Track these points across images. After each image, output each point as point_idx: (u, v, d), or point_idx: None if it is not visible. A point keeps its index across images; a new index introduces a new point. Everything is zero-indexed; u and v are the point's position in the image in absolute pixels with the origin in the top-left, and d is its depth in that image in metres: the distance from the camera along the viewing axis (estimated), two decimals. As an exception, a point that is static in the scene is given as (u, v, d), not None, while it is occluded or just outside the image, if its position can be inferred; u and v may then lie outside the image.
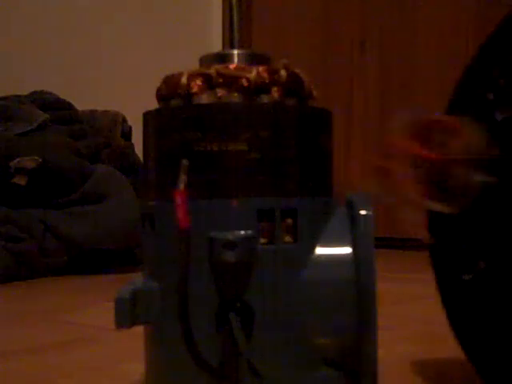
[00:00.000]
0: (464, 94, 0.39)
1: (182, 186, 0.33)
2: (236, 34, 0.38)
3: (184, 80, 0.35)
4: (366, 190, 0.37)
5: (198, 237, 0.33)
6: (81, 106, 1.24)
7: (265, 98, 0.35)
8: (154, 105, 0.40)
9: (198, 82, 0.35)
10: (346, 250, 0.35)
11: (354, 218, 0.35)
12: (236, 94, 0.35)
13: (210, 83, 0.35)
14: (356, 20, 1.60)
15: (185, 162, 0.34)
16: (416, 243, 1.50)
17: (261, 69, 0.35)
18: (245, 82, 0.35)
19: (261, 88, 0.35)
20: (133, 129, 1.29)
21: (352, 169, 1.59)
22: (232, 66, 0.36)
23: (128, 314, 0.34)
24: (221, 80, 0.35)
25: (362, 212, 0.35)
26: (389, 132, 0.37)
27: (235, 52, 0.37)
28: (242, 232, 0.33)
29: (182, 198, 0.32)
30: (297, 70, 0.37)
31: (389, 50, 1.55)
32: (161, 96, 0.37)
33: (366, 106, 1.59)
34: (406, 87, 1.52)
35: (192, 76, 0.35)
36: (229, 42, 0.38)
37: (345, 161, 1.59)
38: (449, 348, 0.58)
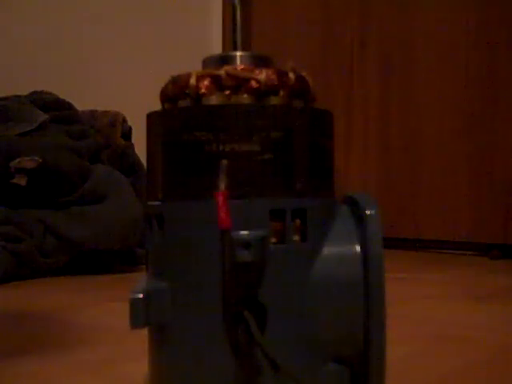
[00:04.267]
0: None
1: (222, 186, 0.33)
2: (238, 36, 0.38)
3: (193, 81, 0.36)
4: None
5: (213, 236, 0.33)
6: (81, 106, 1.24)
7: (273, 100, 0.35)
8: (154, 105, 0.40)
9: (207, 82, 0.35)
10: (355, 249, 0.35)
11: (360, 217, 0.36)
12: (245, 96, 0.35)
13: (218, 84, 0.35)
14: (356, 20, 1.60)
15: (224, 162, 0.34)
16: (416, 243, 1.50)
17: (270, 71, 0.35)
18: (255, 84, 0.35)
19: (270, 90, 0.35)
20: (133, 129, 1.29)
21: (352, 169, 1.59)
22: (240, 68, 0.36)
23: (142, 314, 0.34)
24: (230, 81, 0.35)
25: (370, 211, 0.35)
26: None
27: (238, 54, 0.37)
28: (256, 232, 0.33)
29: (223, 198, 0.32)
30: (303, 73, 0.37)
31: (389, 50, 1.55)
32: (167, 96, 0.37)
33: (366, 106, 1.59)
34: (406, 87, 1.52)
35: (201, 77, 0.36)
36: (231, 44, 0.38)
37: (345, 161, 1.59)
38: (449, 348, 0.58)
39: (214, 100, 0.35)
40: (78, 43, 1.54)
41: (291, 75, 0.36)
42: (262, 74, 0.35)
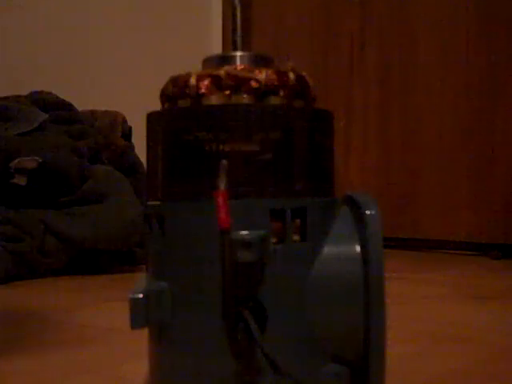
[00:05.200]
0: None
1: (222, 186, 0.33)
2: (239, 36, 0.38)
3: (193, 81, 0.35)
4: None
5: (213, 236, 0.33)
6: (81, 106, 1.24)
7: (273, 100, 0.35)
8: (154, 105, 0.40)
9: (207, 82, 0.35)
10: (355, 249, 0.35)
11: (360, 217, 0.35)
12: (245, 96, 0.35)
13: (218, 84, 0.35)
14: (356, 20, 1.60)
15: (224, 162, 0.34)
16: (416, 243, 1.50)
17: (270, 71, 0.35)
18: (254, 84, 0.35)
19: (270, 90, 0.35)
20: (133, 129, 1.29)
21: (352, 169, 1.59)
22: (240, 68, 0.36)
23: (142, 314, 0.34)
24: (230, 81, 0.35)
25: (370, 211, 0.35)
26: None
27: (238, 54, 0.37)
28: (257, 232, 0.33)
29: (223, 198, 0.32)
30: (303, 73, 0.37)
31: (389, 50, 1.55)
32: (167, 96, 0.37)
33: (366, 106, 1.59)
34: (406, 87, 1.52)
35: (201, 77, 0.36)
36: (231, 44, 0.38)
37: (345, 161, 1.59)
38: (449, 348, 0.58)
39: (214, 100, 0.35)
40: (78, 43, 1.54)
41: (291, 75, 0.36)
42: (262, 74, 0.35)
